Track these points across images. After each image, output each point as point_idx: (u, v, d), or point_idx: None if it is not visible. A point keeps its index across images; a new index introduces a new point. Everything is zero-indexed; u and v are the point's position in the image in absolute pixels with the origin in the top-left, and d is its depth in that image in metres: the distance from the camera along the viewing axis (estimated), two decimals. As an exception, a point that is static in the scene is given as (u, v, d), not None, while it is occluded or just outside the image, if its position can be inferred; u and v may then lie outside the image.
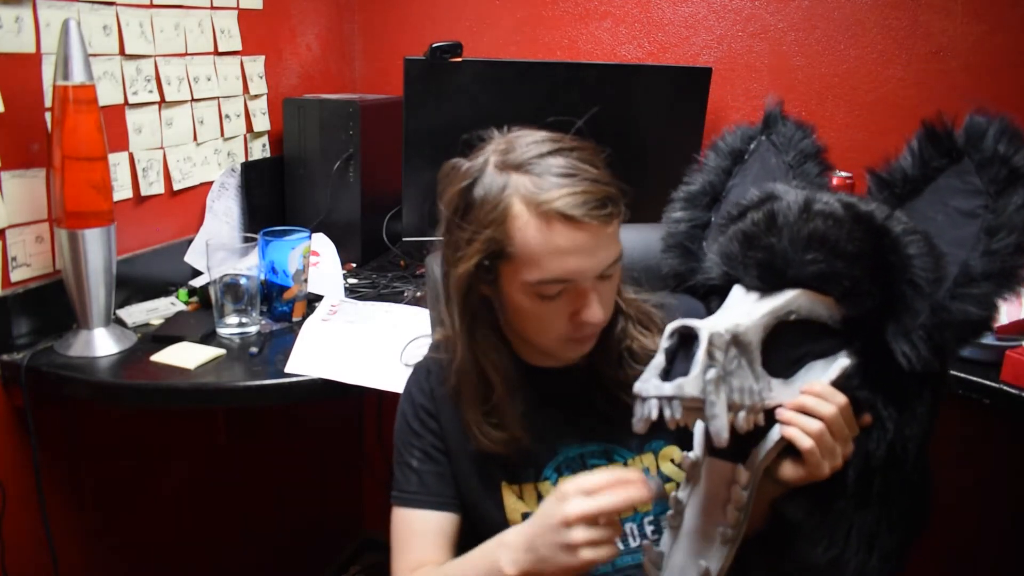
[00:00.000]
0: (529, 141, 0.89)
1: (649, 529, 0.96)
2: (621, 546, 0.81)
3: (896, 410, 0.84)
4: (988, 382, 1.27)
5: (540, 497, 0.95)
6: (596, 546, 0.78)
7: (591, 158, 0.88)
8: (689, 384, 0.73)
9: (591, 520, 0.78)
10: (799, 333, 0.83)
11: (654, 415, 0.75)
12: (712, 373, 0.74)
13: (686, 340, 0.77)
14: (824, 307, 0.83)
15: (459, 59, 1.66)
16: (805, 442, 0.78)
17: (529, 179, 0.85)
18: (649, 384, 0.75)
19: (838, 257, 0.81)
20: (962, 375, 1.29)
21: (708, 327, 0.75)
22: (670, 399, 0.74)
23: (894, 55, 1.75)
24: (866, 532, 0.87)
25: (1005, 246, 0.81)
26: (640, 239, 1.15)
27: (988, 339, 1.35)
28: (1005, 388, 1.25)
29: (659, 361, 0.77)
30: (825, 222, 0.82)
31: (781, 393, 0.81)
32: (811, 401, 0.80)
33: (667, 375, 0.76)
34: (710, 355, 0.74)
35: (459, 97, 1.67)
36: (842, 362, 0.83)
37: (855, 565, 0.87)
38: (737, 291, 0.87)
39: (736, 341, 0.77)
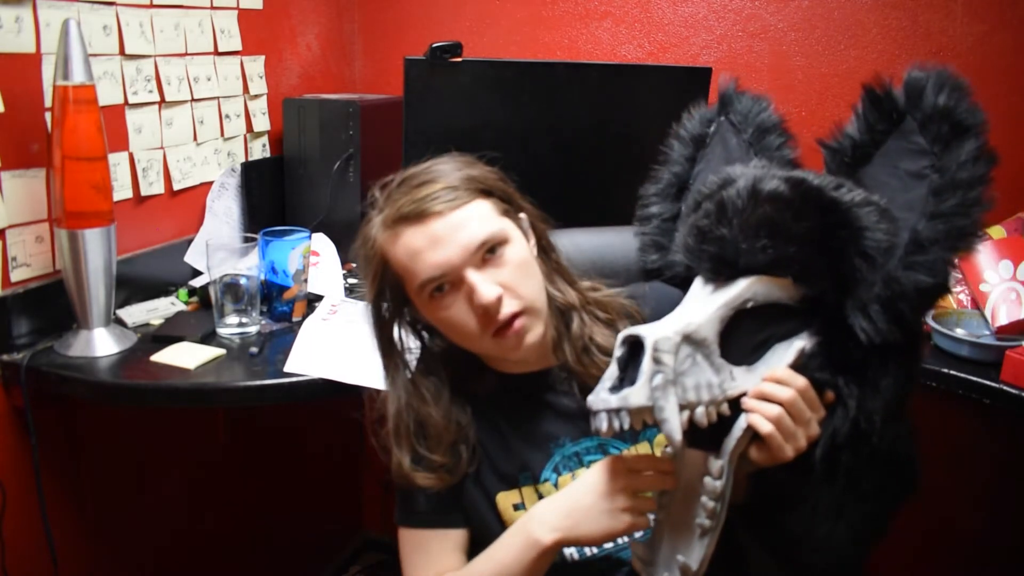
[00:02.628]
0: (403, 178, 0.95)
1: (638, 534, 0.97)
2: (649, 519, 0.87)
3: (857, 386, 0.84)
4: (988, 382, 1.26)
5: (542, 499, 0.95)
6: (635, 513, 0.84)
7: (461, 163, 0.94)
8: (635, 394, 0.76)
9: (631, 491, 0.84)
10: (760, 318, 0.84)
11: (603, 428, 0.77)
12: (659, 379, 0.76)
13: (637, 347, 0.78)
14: (781, 289, 0.83)
15: (459, 59, 1.66)
16: (764, 427, 0.80)
17: (388, 207, 0.92)
18: (598, 398, 0.78)
19: (788, 241, 0.81)
20: (962, 375, 1.29)
21: (654, 334, 0.77)
22: (617, 411, 0.76)
23: (894, 55, 1.75)
24: (833, 504, 0.88)
25: (951, 207, 0.80)
26: (620, 241, 1.15)
27: (988, 339, 1.35)
28: (1005, 388, 1.25)
29: (612, 372, 0.79)
30: (774, 206, 0.82)
31: (745, 380, 0.82)
32: (769, 387, 0.81)
33: (621, 383, 0.78)
34: (657, 360, 0.76)
35: (459, 97, 1.67)
36: (798, 344, 0.84)
37: (822, 533, 0.88)
38: (697, 282, 0.87)
39: (689, 340, 0.79)
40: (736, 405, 0.82)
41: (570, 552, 0.97)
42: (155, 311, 1.45)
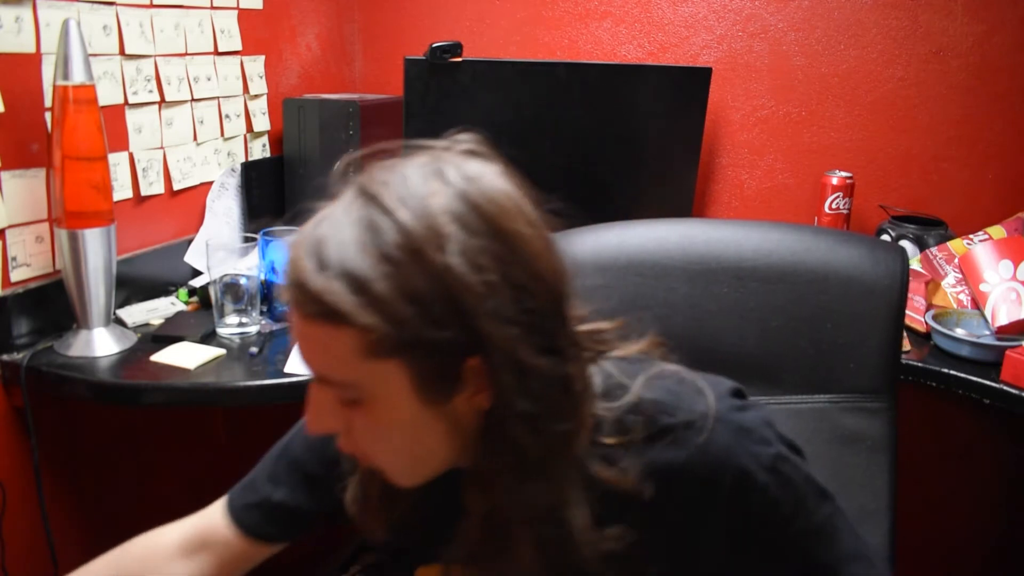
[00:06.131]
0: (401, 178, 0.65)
1: None
2: None
3: None
4: (988, 382, 1.26)
5: None
6: None
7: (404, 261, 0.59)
8: None
9: None
10: None
11: None
12: None
13: None
14: None
15: (459, 59, 1.66)
16: None
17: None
18: None
19: None
20: (962, 375, 1.29)
21: None
22: None
23: (894, 55, 1.75)
24: None
25: None
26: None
27: (988, 339, 1.35)
28: (1005, 388, 1.25)
29: None
30: None
31: None
32: None
33: None
34: None
35: (459, 97, 1.67)
36: None
37: None
38: None
39: None
40: None
41: None
42: (155, 311, 1.45)
